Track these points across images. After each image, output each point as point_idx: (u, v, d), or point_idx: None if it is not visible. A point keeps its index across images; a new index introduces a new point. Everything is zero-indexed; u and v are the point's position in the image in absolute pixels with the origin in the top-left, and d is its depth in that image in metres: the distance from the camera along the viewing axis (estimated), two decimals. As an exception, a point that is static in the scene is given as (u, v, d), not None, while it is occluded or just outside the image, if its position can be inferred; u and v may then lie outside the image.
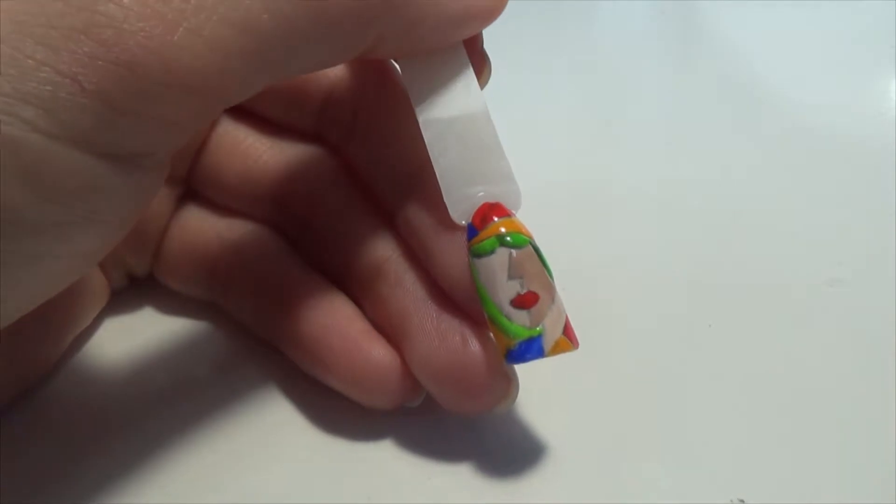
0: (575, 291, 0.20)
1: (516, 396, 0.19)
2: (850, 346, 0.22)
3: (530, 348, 0.17)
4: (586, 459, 0.19)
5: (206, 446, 0.19)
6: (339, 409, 0.20)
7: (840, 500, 0.18)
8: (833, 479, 0.18)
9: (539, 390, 0.21)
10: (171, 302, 0.23)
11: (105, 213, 0.14)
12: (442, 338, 0.18)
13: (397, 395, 0.19)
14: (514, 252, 0.17)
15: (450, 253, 0.18)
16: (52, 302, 0.16)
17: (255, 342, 0.22)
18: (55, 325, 0.21)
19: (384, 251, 0.20)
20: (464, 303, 0.18)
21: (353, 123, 0.21)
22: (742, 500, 0.18)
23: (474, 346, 0.18)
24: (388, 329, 0.20)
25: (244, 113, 0.22)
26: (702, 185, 0.28)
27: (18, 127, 0.12)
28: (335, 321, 0.20)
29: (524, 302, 0.17)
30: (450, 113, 0.18)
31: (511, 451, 0.19)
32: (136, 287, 0.23)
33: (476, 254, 0.18)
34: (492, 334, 0.18)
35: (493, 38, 0.19)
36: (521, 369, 0.18)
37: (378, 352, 0.19)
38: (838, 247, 0.25)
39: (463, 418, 0.20)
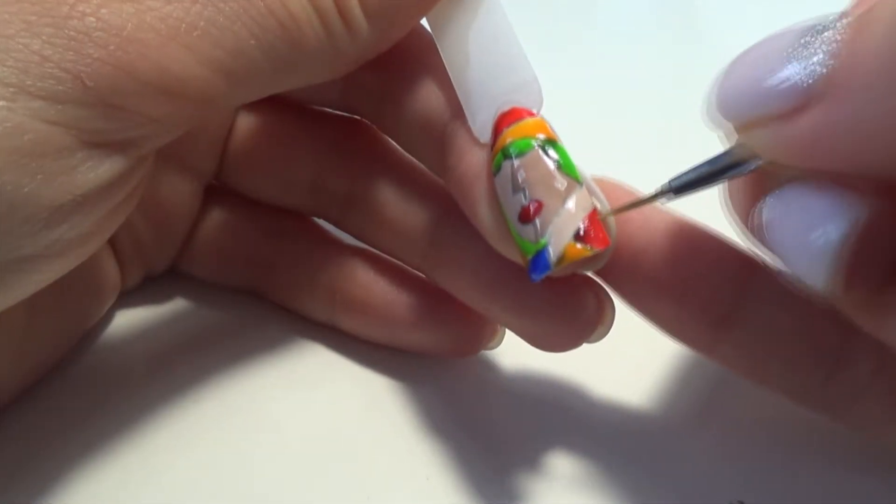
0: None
1: (612, 323, 0.18)
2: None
3: (537, 264, 0.15)
4: (585, 459, 0.19)
5: (202, 446, 0.20)
6: (337, 410, 0.20)
7: (839, 502, 0.18)
8: (833, 480, 0.18)
9: (537, 389, 0.21)
10: (187, 294, 0.23)
11: (89, 198, 0.15)
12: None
13: (473, 343, 0.20)
14: (515, 162, 0.16)
15: (477, 198, 0.17)
16: (64, 295, 0.16)
17: (261, 333, 0.22)
18: (67, 318, 0.21)
19: (435, 213, 0.20)
20: (492, 241, 0.17)
21: (382, 88, 0.20)
22: (741, 502, 0.18)
23: (543, 283, 0.17)
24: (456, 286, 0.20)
25: (270, 98, 0.22)
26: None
27: (23, 114, 0.13)
28: (399, 285, 0.21)
29: (527, 214, 0.15)
30: (460, 28, 0.17)
31: (509, 452, 0.19)
32: (147, 283, 0.23)
33: (494, 175, 0.16)
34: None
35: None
36: (507, 369, 0.18)
37: (447, 307, 0.20)
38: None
39: (461, 417, 0.20)
